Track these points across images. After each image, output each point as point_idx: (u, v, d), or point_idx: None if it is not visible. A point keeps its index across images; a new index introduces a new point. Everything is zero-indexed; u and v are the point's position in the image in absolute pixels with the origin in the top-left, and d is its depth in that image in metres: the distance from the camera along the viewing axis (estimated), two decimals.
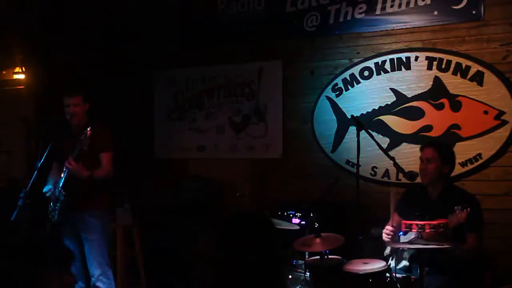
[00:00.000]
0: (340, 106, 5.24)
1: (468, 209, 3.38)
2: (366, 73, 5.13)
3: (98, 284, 4.30)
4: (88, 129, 3.96)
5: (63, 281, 1.76)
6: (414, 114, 4.91)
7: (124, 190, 5.15)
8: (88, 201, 4.25)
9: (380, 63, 5.06)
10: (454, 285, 3.60)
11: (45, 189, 4.36)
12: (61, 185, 4.21)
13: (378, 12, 5.06)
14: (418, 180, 3.94)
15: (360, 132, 4.15)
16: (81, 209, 4.24)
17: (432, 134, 4.82)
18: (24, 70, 6.18)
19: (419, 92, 4.89)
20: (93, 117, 4.44)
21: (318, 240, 3.72)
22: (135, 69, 6.17)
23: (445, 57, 4.77)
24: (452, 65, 4.75)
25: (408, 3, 4.93)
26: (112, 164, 4.33)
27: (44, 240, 1.70)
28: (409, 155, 4.79)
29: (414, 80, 4.91)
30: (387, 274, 3.58)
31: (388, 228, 3.78)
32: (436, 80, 4.82)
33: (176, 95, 6.12)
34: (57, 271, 1.72)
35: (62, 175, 4.25)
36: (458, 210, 3.42)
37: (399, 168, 4.14)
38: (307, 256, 4.01)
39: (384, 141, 4.93)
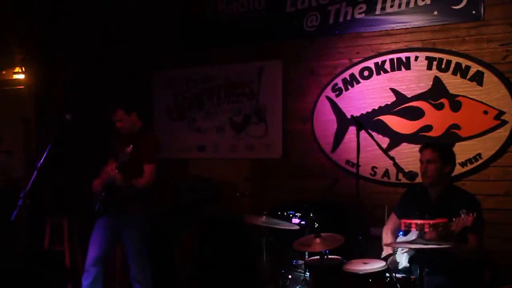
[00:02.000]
0: (340, 106, 5.24)
1: (475, 214, 3.36)
2: (366, 73, 5.13)
3: (134, 283, 4.44)
4: (130, 147, 4.08)
5: None
6: (414, 114, 4.91)
7: None
8: (127, 203, 4.38)
9: (380, 63, 5.06)
10: (454, 285, 3.60)
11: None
12: (103, 185, 4.37)
13: (378, 12, 5.06)
14: (418, 180, 3.95)
15: (360, 132, 4.15)
16: (120, 208, 4.38)
17: (432, 134, 4.82)
18: (24, 70, 6.18)
19: (419, 92, 4.89)
20: (147, 124, 4.62)
21: (318, 240, 3.72)
22: (135, 69, 6.16)
23: (445, 57, 4.78)
24: (452, 65, 4.75)
25: (408, 3, 4.93)
26: (154, 175, 4.46)
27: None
28: (409, 155, 4.79)
29: (414, 80, 4.91)
30: (387, 274, 3.58)
31: None
32: (436, 80, 4.82)
33: (176, 95, 6.12)
34: None
35: None
36: (463, 214, 3.38)
37: (399, 168, 4.15)
38: (307, 256, 4.01)
39: (384, 141, 4.93)
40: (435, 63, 4.82)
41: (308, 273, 3.89)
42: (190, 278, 5.17)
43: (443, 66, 4.79)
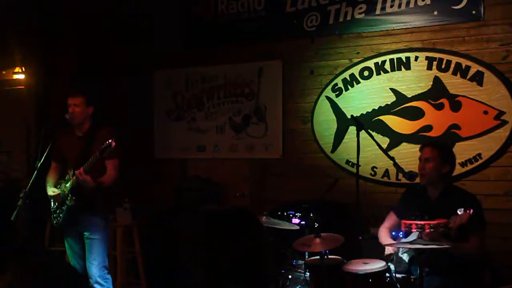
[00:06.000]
0: (340, 106, 5.24)
1: (471, 210, 3.37)
2: (366, 73, 5.13)
3: (96, 286, 4.29)
4: (112, 140, 3.94)
5: None
6: (414, 114, 4.91)
7: (124, 190, 5.15)
8: (94, 202, 4.26)
9: (380, 63, 5.06)
10: (453, 285, 3.60)
11: (49, 193, 4.34)
12: (68, 189, 4.21)
13: (378, 12, 5.06)
14: (418, 180, 3.94)
15: (360, 132, 4.16)
16: (86, 210, 4.26)
17: (432, 134, 4.82)
18: (24, 70, 6.18)
19: (419, 92, 4.89)
20: (100, 121, 4.44)
21: (318, 240, 3.71)
22: (135, 69, 6.16)
23: (445, 57, 4.78)
24: (452, 65, 4.75)
25: (408, 3, 4.93)
26: (118, 171, 4.32)
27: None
28: (409, 155, 4.78)
29: (414, 80, 4.91)
30: (387, 274, 3.58)
31: None
32: (436, 80, 4.82)
33: (176, 95, 6.12)
34: None
35: (67, 177, 4.25)
36: (461, 211, 3.40)
37: (399, 168, 4.15)
38: (307, 256, 4.01)
39: (384, 141, 4.93)
40: (435, 63, 4.82)
41: (308, 273, 3.89)
42: (191, 278, 5.16)
43: (443, 66, 4.79)
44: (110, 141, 3.94)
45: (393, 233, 3.92)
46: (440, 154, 3.77)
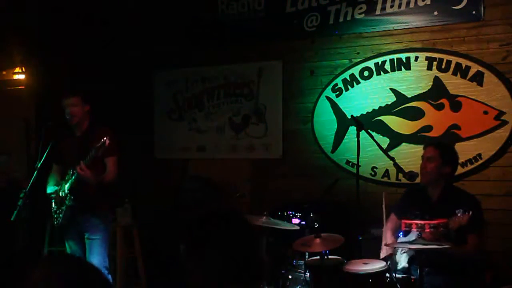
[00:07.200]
0: (340, 106, 5.24)
1: (470, 212, 3.37)
2: (366, 73, 5.13)
3: None
4: (106, 137, 3.96)
5: None
6: (414, 114, 4.91)
7: (124, 190, 5.15)
8: (94, 203, 4.26)
9: (380, 63, 5.06)
10: (454, 285, 3.60)
11: (49, 190, 4.34)
12: (67, 189, 4.20)
13: (378, 12, 5.06)
14: (418, 180, 3.95)
15: (360, 132, 4.16)
16: (86, 211, 4.25)
17: (432, 134, 4.82)
18: (24, 70, 6.18)
19: (419, 92, 4.89)
20: (96, 120, 4.44)
21: (318, 240, 3.72)
22: (135, 69, 6.16)
23: (445, 57, 4.78)
24: (452, 65, 4.75)
25: (408, 3, 4.93)
26: (117, 168, 4.33)
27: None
28: (409, 155, 4.79)
29: (414, 80, 4.91)
30: (387, 274, 3.58)
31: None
32: (436, 80, 4.82)
33: (176, 95, 6.12)
34: None
35: (66, 177, 4.25)
36: (460, 213, 3.40)
37: (399, 168, 4.15)
38: (307, 256, 4.01)
39: (384, 141, 4.93)
40: (435, 63, 4.82)
41: (308, 274, 3.89)
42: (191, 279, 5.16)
43: (443, 67, 4.79)
44: (105, 138, 3.96)
45: (401, 234, 3.89)
46: (442, 154, 3.77)
